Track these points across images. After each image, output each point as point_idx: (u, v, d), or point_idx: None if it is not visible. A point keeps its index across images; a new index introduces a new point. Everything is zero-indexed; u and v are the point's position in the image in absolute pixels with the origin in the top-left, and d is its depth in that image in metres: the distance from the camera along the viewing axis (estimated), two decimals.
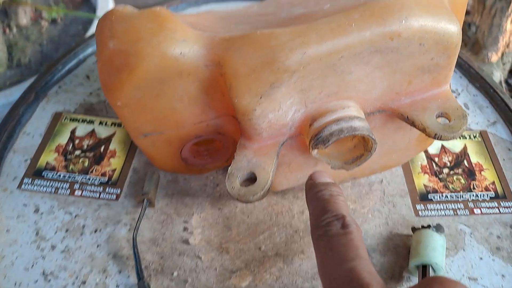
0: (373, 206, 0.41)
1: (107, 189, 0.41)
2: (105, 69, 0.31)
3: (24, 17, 0.87)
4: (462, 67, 0.51)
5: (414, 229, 0.37)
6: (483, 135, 0.46)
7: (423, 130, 0.32)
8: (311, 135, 0.31)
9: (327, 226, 0.24)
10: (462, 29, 0.31)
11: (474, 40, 0.90)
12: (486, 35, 0.87)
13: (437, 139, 0.31)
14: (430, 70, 0.31)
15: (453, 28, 0.29)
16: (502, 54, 0.90)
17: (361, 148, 0.33)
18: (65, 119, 0.47)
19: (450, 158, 0.44)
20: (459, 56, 0.51)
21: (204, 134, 0.37)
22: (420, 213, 0.40)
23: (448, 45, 0.30)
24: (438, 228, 0.35)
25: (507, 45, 0.88)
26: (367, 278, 0.21)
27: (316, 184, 0.26)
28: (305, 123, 0.32)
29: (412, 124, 0.32)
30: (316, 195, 0.25)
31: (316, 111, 0.32)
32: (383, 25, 0.28)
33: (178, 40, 0.30)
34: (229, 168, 0.32)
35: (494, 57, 0.88)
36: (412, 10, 0.28)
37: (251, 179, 0.32)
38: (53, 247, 0.37)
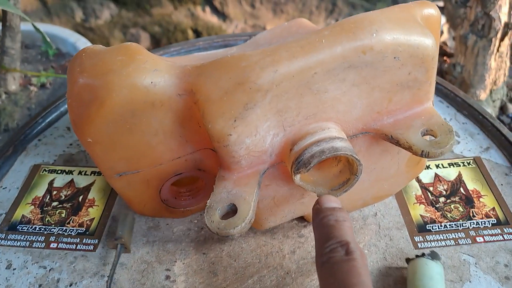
0: (368, 241, 0.38)
1: (84, 240, 0.39)
2: (74, 105, 0.30)
3: (13, 83, 0.88)
4: (448, 96, 0.50)
5: (408, 260, 0.34)
6: (477, 161, 0.44)
7: (409, 148, 0.30)
8: (292, 160, 0.30)
9: (331, 252, 0.22)
10: (448, 70, 0.30)
11: (461, 79, 0.91)
12: (472, 74, 0.88)
13: (425, 156, 0.29)
14: (410, 86, 0.30)
15: (427, 41, 0.29)
16: (491, 92, 0.91)
17: (346, 172, 0.31)
18: (43, 171, 0.45)
19: (445, 187, 0.42)
20: (444, 87, 0.51)
21: (183, 170, 0.35)
22: (419, 245, 0.37)
23: (424, 58, 0.29)
24: (433, 256, 0.33)
25: (494, 82, 0.89)
26: None
27: (323, 209, 0.24)
28: (286, 148, 0.31)
29: (397, 143, 0.31)
30: (321, 221, 0.24)
31: (295, 134, 0.30)
32: (354, 39, 0.27)
33: (149, 70, 0.29)
34: (208, 201, 0.30)
35: (483, 95, 0.89)
36: (382, 24, 0.28)
37: (232, 211, 0.30)
38: None
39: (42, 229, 0.40)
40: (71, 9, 1.94)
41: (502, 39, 0.87)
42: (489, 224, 0.38)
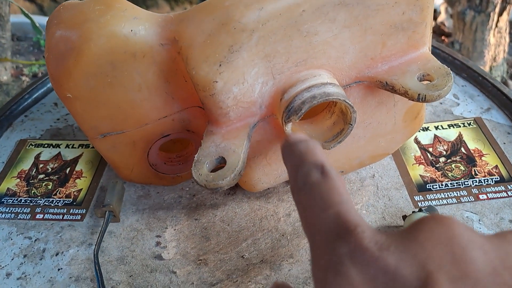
0: (366, 201, 0.36)
1: (71, 210, 0.37)
2: (52, 58, 0.29)
3: (4, 73, 0.86)
4: (446, 60, 0.49)
5: (404, 217, 0.32)
6: (478, 121, 0.42)
7: (405, 93, 0.28)
8: (283, 109, 0.28)
9: (306, 177, 0.20)
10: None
11: None
12: (471, 51, 0.87)
13: (422, 100, 0.28)
14: (404, 28, 0.29)
15: None
16: (491, 68, 0.89)
17: (340, 123, 0.30)
18: (29, 145, 0.44)
19: (445, 147, 0.40)
20: (441, 50, 0.49)
21: (171, 131, 0.33)
22: (419, 204, 0.36)
23: None
24: (430, 210, 0.31)
25: (494, 59, 0.87)
26: (355, 220, 0.17)
27: (291, 141, 0.22)
28: (276, 99, 0.29)
29: (392, 89, 0.29)
30: (291, 151, 0.22)
31: (285, 83, 0.29)
32: None
33: (128, 17, 0.28)
34: (196, 156, 0.29)
35: None
36: None
37: (221, 167, 0.28)
38: (8, 275, 0.33)
39: (28, 201, 0.38)
40: None
41: (500, 14, 0.85)
42: (492, 181, 0.37)
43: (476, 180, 0.37)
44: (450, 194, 0.36)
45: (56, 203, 0.38)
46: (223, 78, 0.27)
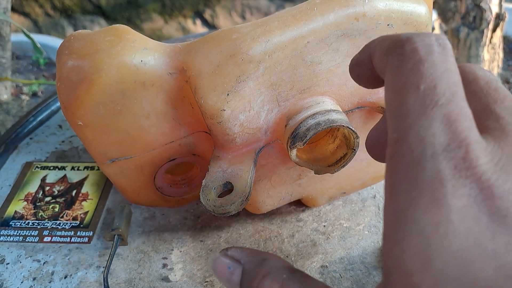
0: (368, 222, 0.37)
1: (78, 233, 0.38)
2: (63, 87, 0.30)
3: (4, 92, 0.87)
4: None
5: None
6: None
7: None
8: (288, 135, 0.29)
9: (424, 42, 0.16)
10: None
11: None
12: None
13: None
14: None
15: (420, 8, 0.28)
16: None
17: (343, 147, 0.31)
18: (35, 168, 0.44)
19: None
20: None
21: (177, 155, 0.34)
22: None
23: (418, 25, 0.28)
24: None
25: None
26: (468, 131, 0.15)
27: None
28: (281, 125, 0.30)
29: None
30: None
31: (290, 110, 0.29)
32: (346, 6, 0.27)
33: (138, 48, 0.29)
34: (203, 181, 0.29)
35: None
36: None
37: (228, 191, 0.29)
38: None
39: (36, 223, 0.39)
40: (61, 27, 1.94)
41: (494, 30, 0.87)
42: None
43: None
44: None
45: (63, 226, 0.38)
46: (231, 107, 0.28)
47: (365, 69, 0.20)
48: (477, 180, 0.14)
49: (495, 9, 0.85)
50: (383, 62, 0.17)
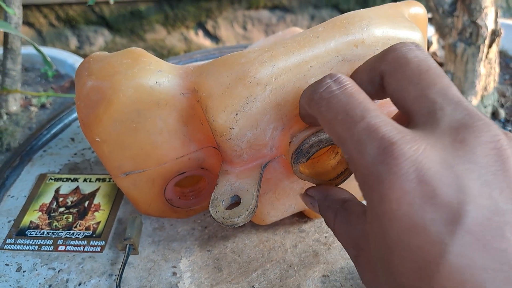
0: None
1: (91, 242, 0.40)
2: (83, 106, 0.32)
3: (14, 104, 0.89)
4: None
5: None
6: None
7: None
8: (292, 151, 0.31)
9: (323, 89, 0.22)
10: None
11: None
12: (463, 81, 0.91)
13: None
14: None
15: (415, 35, 0.30)
16: (482, 98, 0.93)
17: (344, 162, 0.33)
18: (49, 180, 0.46)
19: None
20: None
21: (187, 169, 0.36)
22: None
23: None
24: None
25: (485, 89, 0.91)
26: (388, 133, 0.18)
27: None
28: (285, 142, 0.32)
29: None
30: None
31: (294, 128, 0.32)
32: (346, 34, 0.29)
33: (154, 71, 0.31)
34: (213, 194, 0.31)
35: (474, 101, 0.91)
36: (372, 19, 0.30)
37: (236, 203, 0.31)
38: None
39: (50, 233, 0.41)
40: (65, 37, 1.97)
41: (490, 46, 0.90)
42: None
43: None
44: None
45: (76, 235, 0.40)
46: (239, 125, 0.30)
47: (309, 117, 0.28)
48: (406, 173, 0.18)
49: (491, 25, 0.87)
50: (310, 109, 0.24)
